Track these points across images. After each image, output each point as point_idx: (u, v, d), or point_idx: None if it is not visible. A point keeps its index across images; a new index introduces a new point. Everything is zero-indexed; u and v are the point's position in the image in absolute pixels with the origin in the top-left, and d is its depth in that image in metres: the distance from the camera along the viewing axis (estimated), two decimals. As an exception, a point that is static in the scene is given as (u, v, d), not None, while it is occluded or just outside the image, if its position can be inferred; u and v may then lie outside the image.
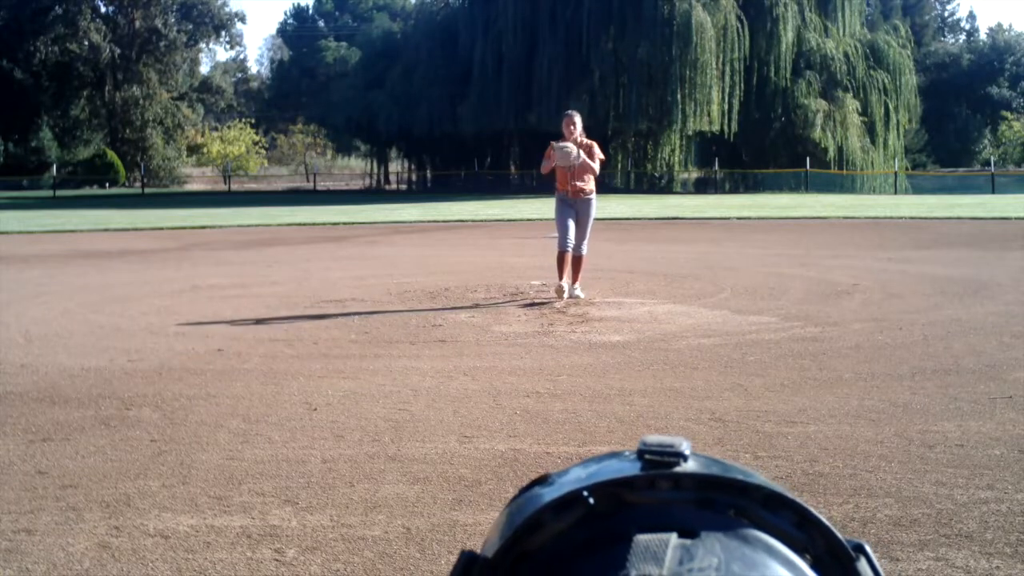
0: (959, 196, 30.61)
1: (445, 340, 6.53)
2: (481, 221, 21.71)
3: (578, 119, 8.21)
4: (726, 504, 0.46)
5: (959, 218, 19.47)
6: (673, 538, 0.43)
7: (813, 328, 6.74)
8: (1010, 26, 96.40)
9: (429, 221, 22.06)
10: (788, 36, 39.07)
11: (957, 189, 37.72)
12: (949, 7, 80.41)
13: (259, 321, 7.44)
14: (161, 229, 20.08)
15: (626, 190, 40.70)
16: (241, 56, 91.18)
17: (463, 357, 5.93)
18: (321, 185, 53.94)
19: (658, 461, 0.47)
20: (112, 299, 8.93)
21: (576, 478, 0.48)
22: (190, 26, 62.57)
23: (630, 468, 0.48)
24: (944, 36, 77.91)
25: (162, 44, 59.51)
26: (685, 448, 0.48)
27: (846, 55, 40.39)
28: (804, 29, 40.37)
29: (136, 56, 58.90)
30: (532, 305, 8.11)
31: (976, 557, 2.83)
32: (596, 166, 8.18)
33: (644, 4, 36.76)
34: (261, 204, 32.69)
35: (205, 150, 67.96)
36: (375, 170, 57.41)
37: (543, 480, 0.50)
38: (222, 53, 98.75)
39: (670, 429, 4.22)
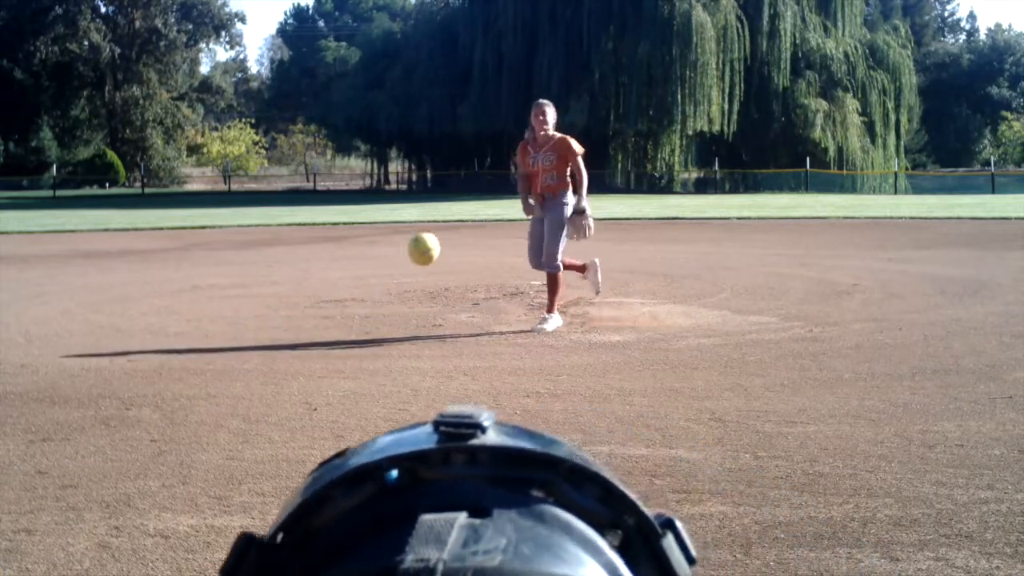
0: (959, 196, 30.60)
1: (445, 340, 6.53)
2: (481, 221, 21.70)
3: (549, 110, 6.67)
4: (525, 480, 0.43)
5: (959, 218, 19.46)
6: (461, 518, 0.40)
7: (813, 328, 6.74)
8: (1010, 26, 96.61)
9: (429, 221, 22.04)
10: (788, 36, 39.05)
11: (957, 189, 37.68)
12: (949, 7, 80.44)
13: (259, 321, 7.44)
14: (161, 229, 20.07)
15: (626, 190, 40.67)
16: (241, 56, 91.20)
17: (463, 357, 5.93)
18: (321, 185, 53.95)
19: (453, 433, 0.44)
20: (112, 299, 8.93)
21: (372, 451, 0.45)
22: (190, 26, 62.58)
23: (427, 441, 0.44)
24: (944, 36, 77.91)
25: (162, 44, 59.53)
26: (485, 419, 0.45)
27: (846, 55, 40.37)
28: (804, 29, 40.34)
29: (136, 56, 58.92)
30: (532, 305, 8.11)
31: (976, 557, 2.83)
32: (577, 166, 6.65)
33: (644, 4, 36.74)
34: (261, 204, 32.67)
35: (205, 150, 67.97)
36: (375, 170, 57.41)
37: (341, 454, 0.46)
38: (222, 53, 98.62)
39: (670, 429, 4.22)
